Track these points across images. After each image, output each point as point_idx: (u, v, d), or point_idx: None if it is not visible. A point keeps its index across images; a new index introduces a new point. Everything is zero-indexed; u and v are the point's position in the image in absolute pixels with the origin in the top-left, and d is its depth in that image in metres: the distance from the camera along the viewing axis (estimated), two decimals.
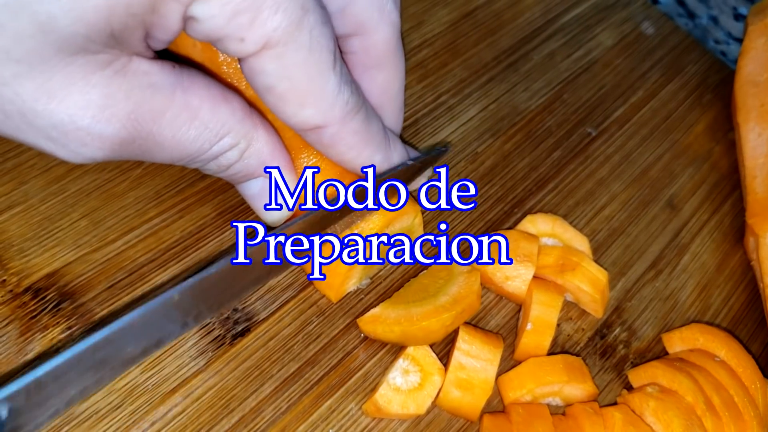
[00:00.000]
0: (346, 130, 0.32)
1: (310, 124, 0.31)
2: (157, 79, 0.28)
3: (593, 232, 0.47)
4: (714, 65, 0.61)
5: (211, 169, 0.33)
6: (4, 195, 0.37)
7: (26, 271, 0.35)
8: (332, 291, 0.38)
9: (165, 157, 0.30)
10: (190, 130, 0.30)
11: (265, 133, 0.33)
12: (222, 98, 0.31)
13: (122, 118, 0.27)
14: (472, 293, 0.38)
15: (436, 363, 0.37)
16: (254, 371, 0.36)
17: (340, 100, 0.31)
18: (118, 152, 0.28)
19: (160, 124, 0.28)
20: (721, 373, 0.40)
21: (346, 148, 0.33)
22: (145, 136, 0.28)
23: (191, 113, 0.29)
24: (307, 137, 0.33)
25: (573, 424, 0.37)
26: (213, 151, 0.31)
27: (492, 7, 0.56)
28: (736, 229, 0.51)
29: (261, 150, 0.33)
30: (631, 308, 0.45)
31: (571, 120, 0.52)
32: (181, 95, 0.29)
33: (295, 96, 0.30)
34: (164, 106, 0.28)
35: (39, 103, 0.25)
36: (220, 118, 0.30)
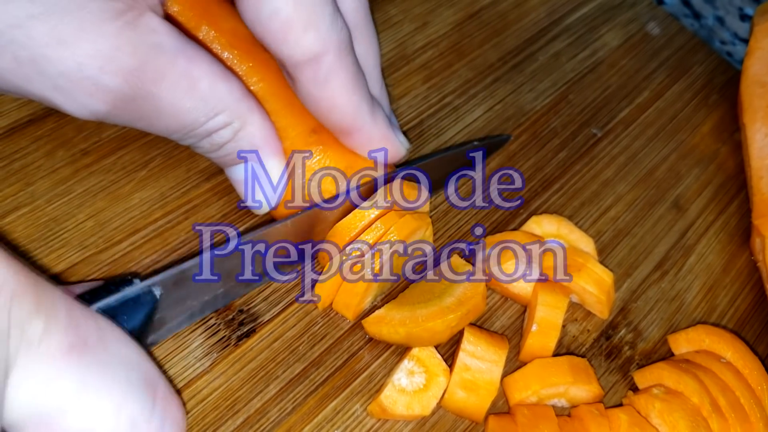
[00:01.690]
0: (341, 63, 0.33)
1: (312, 50, 0.32)
2: (164, 40, 0.29)
3: (599, 233, 0.47)
4: (720, 66, 0.60)
5: (204, 147, 0.33)
6: (11, 196, 0.37)
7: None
8: (349, 311, 0.38)
9: (161, 125, 0.31)
10: (187, 99, 0.30)
11: (260, 118, 0.34)
12: (222, 76, 0.31)
13: (126, 74, 0.28)
14: (477, 294, 0.38)
15: (441, 364, 0.37)
16: (259, 372, 0.36)
17: (338, 31, 0.32)
18: (119, 110, 0.29)
19: (160, 87, 0.29)
20: (727, 374, 0.40)
21: (339, 86, 0.33)
22: (144, 96, 0.29)
23: (191, 83, 0.30)
24: (303, 75, 0.33)
25: (578, 425, 0.37)
26: (207, 127, 0.32)
27: (497, 8, 0.56)
28: (743, 230, 0.51)
29: (254, 134, 0.34)
30: (636, 309, 0.45)
31: (577, 121, 0.52)
32: (183, 62, 0.29)
33: (299, 18, 0.31)
34: (166, 69, 0.29)
35: (50, 48, 0.26)
36: (217, 94, 0.31)
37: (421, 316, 0.36)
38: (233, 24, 0.36)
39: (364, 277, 0.36)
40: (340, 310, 0.38)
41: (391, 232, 0.36)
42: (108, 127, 0.40)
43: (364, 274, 0.36)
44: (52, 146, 0.39)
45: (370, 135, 0.36)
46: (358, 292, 0.37)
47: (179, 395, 0.29)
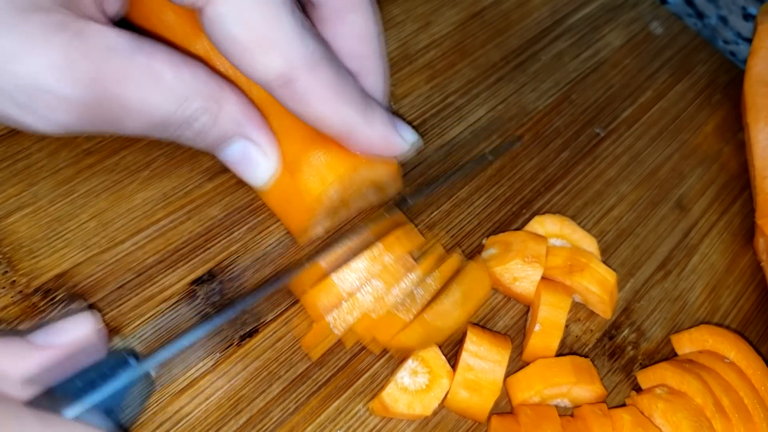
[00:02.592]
0: (316, 81, 0.32)
1: (275, 72, 0.31)
2: (115, 43, 0.28)
3: (602, 233, 0.47)
4: (723, 65, 0.60)
5: (188, 137, 0.33)
6: (14, 196, 0.37)
7: (36, 272, 0.36)
8: (378, 346, 0.38)
9: (135, 125, 0.30)
10: (154, 93, 0.30)
11: (233, 94, 0.33)
12: (183, 63, 0.31)
13: (85, 81, 0.27)
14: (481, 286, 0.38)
15: (446, 366, 0.37)
16: (262, 372, 0.36)
17: (304, 47, 0.31)
18: (87, 118, 0.28)
19: (124, 87, 0.29)
20: (730, 374, 0.39)
21: (319, 102, 0.32)
22: (110, 99, 0.28)
23: (154, 76, 0.30)
24: (280, 94, 0.32)
25: (581, 425, 0.37)
26: (182, 116, 0.31)
27: (500, 8, 0.56)
28: (746, 229, 0.51)
29: (233, 111, 0.33)
30: (639, 309, 0.45)
31: (580, 120, 0.52)
32: (142, 59, 0.29)
33: (255, 40, 0.30)
34: (126, 69, 0.29)
35: (0, 65, 0.26)
36: (183, 80, 0.31)
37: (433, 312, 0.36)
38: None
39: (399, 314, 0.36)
40: (368, 345, 0.38)
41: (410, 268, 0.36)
42: None
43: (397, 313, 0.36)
44: (54, 146, 0.39)
45: (368, 138, 0.36)
46: (392, 331, 0.36)
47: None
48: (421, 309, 0.36)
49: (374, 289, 0.36)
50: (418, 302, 0.36)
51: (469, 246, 0.43)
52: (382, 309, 0.36)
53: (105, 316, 0.35)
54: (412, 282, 0.36)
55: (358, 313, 0.35)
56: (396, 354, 0.38)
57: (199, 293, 0.37)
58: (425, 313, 0.35)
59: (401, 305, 0.36)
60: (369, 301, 0.35)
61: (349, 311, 0.35)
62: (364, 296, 0.35)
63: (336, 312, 0.35)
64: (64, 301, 0.35)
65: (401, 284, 0.36)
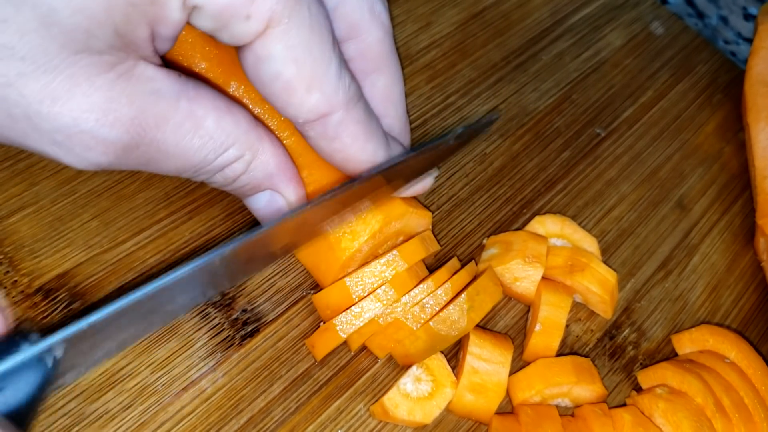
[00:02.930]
0: (350, 118, 0.32)
1: (317, 111, 0.31)
2: (161, 86, 0.28)
3: (602, 233, 0.47)
4: (724, 65, 0.60)
5: (218, 182, 0.33)
6: (16, 196, 0.37)
7: (37, 271, 0.36)
8: (384, 351, 0.37)
9: (170, 166, 0.30)
10: (194, 139, 0.30)
11: (271, 145, 0.33)
12: (227, 110, 0.31)
13: (125, 123, 0.27)
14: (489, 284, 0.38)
15: (450, 376, 0.37)
16: (263, 372, 0.36)
17: (343, 84, 0.31)
18: (123, 159, 0.28)
19: (164, 132, 0.29)
20: (731, 374, 0.40)
21: (350, 139, 0.33)
22: (148, 143, 0.28)
23: (195, 122, 0.29)
24: (312, 131, 0.32)
25: (582, 425, 0.37)
26: (218, 163, 0.31)
27: (500, 8, 0.56)
28: (747, 229, 0.51)
29: (267, 162, 0.33)
30: (640, 309, 0.45)
31: (580, 120, 0.52)
32: (185, 104, 0.29)
33: (301, 80, 0.30)
34: (168, 114, 0.28)
35: (43, 105, 0.26)
36: (224, 129, 0.30)
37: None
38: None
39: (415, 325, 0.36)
40: (373, 349, 0.38)
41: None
42: None
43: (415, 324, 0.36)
44: None
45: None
46: (401, 337, 0.36)
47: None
48: (429, 318, 0.36)
49: (385, 295, 0.35)
50: (427, 312, 0.36)
51: (470, 246, 0.44)
52: (391, 316, 0.35)
53: None
54: (423, 291, 0.36)
55: (366, 317, 0.35)
56: (401, 360, 0.37)
57: None
58: (432, 321, 0.35)
59: (410, 314, 0.35)
60: (378, 306, 0.35)
61: (358, 315, 0.35)
62: (374, 302, 0.35)
63: (345, 315, 0.35)
64: (65, 301, 0.35)
65: (412, 293, 0.36)
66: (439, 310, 0.36)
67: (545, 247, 0.41)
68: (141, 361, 0.35)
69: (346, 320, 0.35)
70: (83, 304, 0.35)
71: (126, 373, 0.34)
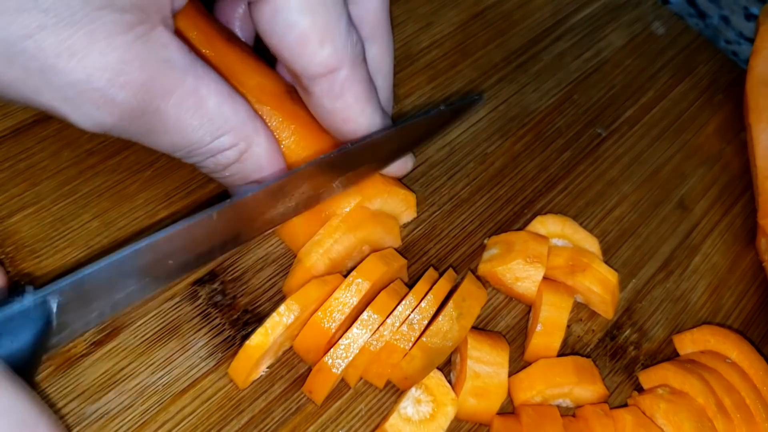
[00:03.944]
0: (355, 76, 0.33)
1: (327, 65, 0.32)
2: (173, 56, 0.29)
3: (603, 233, 0.47)
4: (725, 65, 0.60)
5: (209, 167, 0.33)
6: (17, 196, 0.37)
7: (38, 271, 0.36)
8: (382, 380, 0.36)
9: (166, 141, 0.31)
10: (194, 117, 0.30)
11: (266, 140, 0.33)
12: (229, 96, 0.31)
13: (135, 87, 0.28)
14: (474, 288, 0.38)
15: (450, 393, 0.36)
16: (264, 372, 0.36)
17: (351, 40, 0.32)
18: (126, 123, 0.29)
19: (168, 103, 0.29)
20: (732, 374, 0.39)
21: (353, 99, 0.34)
22: (152, 112, 0.29)
23: (198, 101, 0.30)
24: (318, 87, 0.33)
25: (583, 425, 0.37)
26: (212, 146, 0.32)
27: (501, 8, 0.56)
28: (748, 230, 0.51)
29: (259, 155, 0.33)
30: (641, 309, 0.45)
31: (581, 120, 0.52)
32: (192, 80, 0.30)
33: (315, 31, 0.31)
34: (175, 86, 0.29)
35: (60, 59, 0.26)
36: (223, 114, 0.31)
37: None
38: (259, 80, 0.37)
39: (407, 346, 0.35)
40: (371, 379, 0.37)
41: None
42: None
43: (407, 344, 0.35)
44: (57, 146, 0.39)
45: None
46: (250, 356, 0.34)
47: (68, 428, 0.28)
48: (420, 334, 0.35)
49: (369, 320, 0.34)
50: (416, 328, 0.35)
51: (471, 246, 0.43)
52: (381, 341, 0.35)
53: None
54: (408, 307, 0.35)
55: (356, 347, 0.34)
56: (401, 384, 0.37)
57: (200, 293, 0.37)
58: (423, 336, 0.35)
59: (399, 334, 0.35)
60: (365, 333, 0.34)
61: (347, 347, 0.34)
62: (360, 329, 0.34)
63: (334, 350, 0.34)
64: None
65: (396, 312, 0.35)
66: (428, 325, 0.35)
67: (546, 248, 0.41)
68: (141, 361, 0.35)
69: (336, 355, 0.34)
70: None
71: (127, 373, 0.34)
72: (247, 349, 0.33)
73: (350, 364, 0.34)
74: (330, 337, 0.35)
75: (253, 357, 0.33)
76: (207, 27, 0.38)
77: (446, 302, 0.36)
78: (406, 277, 0.40)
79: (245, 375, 0.34)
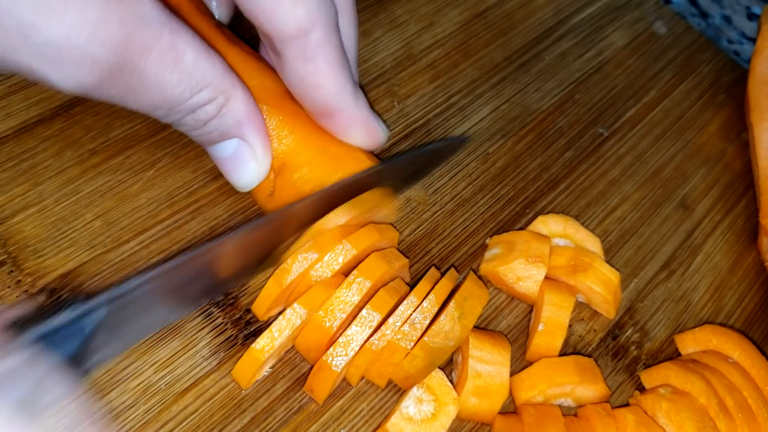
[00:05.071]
0: (328, 40, 0.33)
1: (300, 26, 0.32)
2: (149, 11, 0.29)
3: (605, 233, 0.47)
4: (727, 65, 0.60)
5: (188, 125, 0.33)
6: (20, 196, 0.37)
7: (41, 271, 0.36)
8: (383, 379, 0.36)
9: (146, 100, 0.31)
10: (173, 73, 0.30)
11: (243, 94, 0.34)
12: (205, 51, 0.31)
13: (114, 44, 0.28)
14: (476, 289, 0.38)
15: (452, 393, 0.36)
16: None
17: (325, 6, 0.32)
18: (107, 83, 0.29)
19: (147, 59, 0.29)
20: (734, 374, 0.39)
21: (325, 64, 0.34)
22: (132, 69, 0.29)
23: (176, 56, 0.30)
24: (290, 51, 0.33)
25: (585, 425, 0.37)
26: (192, 102, 0.32)
27: (503, 8, 0.56)
28: (750, 229, 0.51)
29: (238, 109, 0.34)
30: (643, 309, 0.45)
31: (583, 120, 0.52)
32: (168, 35, 0.30)
33: None
34: (153, 42, 0.29)
35: (38, 17, 0.26)
36: (201, 68, 0.31)
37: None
38: (260, 79, 0.37)
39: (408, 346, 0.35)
40: (373, 379, 0.36)
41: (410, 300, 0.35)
42: (116, 127, 0.41)
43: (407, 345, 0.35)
44: (60, 146, 0.39)
45: (353, 117, 0.36)
46: (396, 361, 0.35)
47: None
48: (421, 334, 0.35)
49: (369, 317, 0.34)
50: (417, 328, 0.35)
51: (473, 246, 0.44)
52: (383, 340, 0.34)
53: None
54: (409, 307, 0.35)
55: (356, 345, 0.34)
56: (403, 384, 0.37)
57: None
58: (425, 336, 0.35)
59: (401, 334, 0.35)
60: (365, 331, 0.34)
61: (347, 344, 0.34)
62: (360, 326, 0.34)
63: (334, 348, 0.34)
64: (69, 300, 0.35)
65: (398, 311, 0.35)
66: (429, 324, 0.35)
67: (548, 247, 0.41)
68: (144, 360, 0.35)
69: (336, 353, 0.34)
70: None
71: (129, 372, 0.34)
72: (253, 352, 0.33)
73: (351, 364, 0.34)
74: (331, 336, 0.35)
75: (259, 360, 0.33)
76: (208, 27, 0.38)
77: (448, 302, 0.36)
78: (408, 276, 0.40)
79: (249, 377, 0.34)
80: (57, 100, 0.40)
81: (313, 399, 0.36)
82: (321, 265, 0.35)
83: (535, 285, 0.41)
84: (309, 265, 0.35)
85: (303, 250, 0.35)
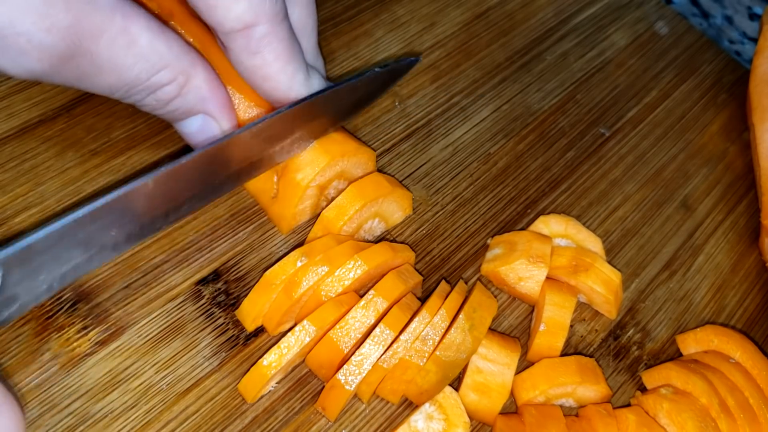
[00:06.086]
0: (274, 34, 0.32)
1: (242, 20, 0.31)
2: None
3: (607, 233, 0.47)
4: (729, 65, 0.60)
5: (150, 105, 0.33)
6: (21, 196, 0.37)
7: None
8: (397, 396, 0.36)
9: (103, 83, 0.31)
10: (127, 56, 0.30)
11: (204, 71, 0.34)
12: (160, 32, 0.31)
13: (62, 30, 0.27)
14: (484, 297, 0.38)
15: (464, 416, 0.36)
16: None
17: (270, 0, 0.31)
18: (58, 69, 0.29)
19: (98, 44, 0.29)
20: (735, 374, 0.39)
21: (272, 56, 0.33)
22: (83, 54, 0.29)
23: (129, 39, 0.30)
24: (234, 43, 0.32)
25: (586, 425, 0.37)
26: (150, 83, 0.32)
27: (505, 8, 0.56)
28: (751, 230, 0.51)
29: (199, 87, 0.33)
30: (644, 309, 0.44)
31: (585, 120, 0.52)
32: (120, 19, 0.29)
33: None
34: (103, 26, 0.29)
35: None
36: (157, 50, 0.31)
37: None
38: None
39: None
40: (386, 396, 0.36)
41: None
42: (117, 128, 0.41)
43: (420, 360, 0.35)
44: (61, 147, 0.39)
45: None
46: (262, 373, 0.34)
47: (17, 399, 0.28)
48: (434, 349, 0.35)
49: (382, 335, 0.34)
50: (429, 344, 0.34)
51: (474, 246, 0.44)
52: (395, 357, 0.34)
53: (111, 316, 0.35)
54: (421, 323, 0.35)
55: (369, 363, 0.34)
56: (416, 400, 0.36)
57: (204, 293, 0.37)
58: (437, 350, 0.35)
59: (413, 350, 0.34)
60: (378, 349, 0.34)
61: (360, 363, 0.34)
62: (373, 345, 0.34)
63: (347, 366, 0.34)
64: (71, 300, 0.35)
65: (410, 328, 0.34)
66: (440, 338, 0.35)
67: (549, 247, 0.41)
68: (145, 360, 0.35)
69: (349, 371, 0.34)
70: (88, 304, 0.35)
71: (130, 372, 0.34)
72: (260, 368, 0.33)
73: (363, 381, 0.34)
74: (344, 355, 0.34)
75: (266, 376, 0.33)
76: (197, 29, 0.38)
77: (457, 313, 0.36)
78: (419, 291, 0.40)
79: (255, 392, 0.34)
80: (59, 100, 0.41)
81: (313, 401, 0.36)
82: (332, 280, 0.35)
83: (537, 285, 0.41)
84: (319, 279, 0.35)
85: (314, 263, 0.35)
